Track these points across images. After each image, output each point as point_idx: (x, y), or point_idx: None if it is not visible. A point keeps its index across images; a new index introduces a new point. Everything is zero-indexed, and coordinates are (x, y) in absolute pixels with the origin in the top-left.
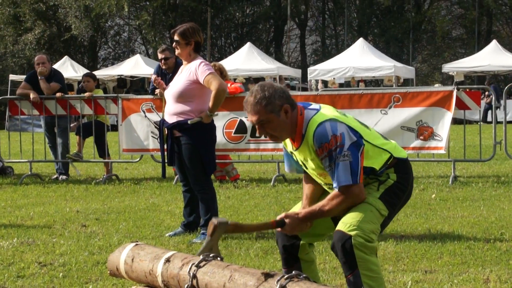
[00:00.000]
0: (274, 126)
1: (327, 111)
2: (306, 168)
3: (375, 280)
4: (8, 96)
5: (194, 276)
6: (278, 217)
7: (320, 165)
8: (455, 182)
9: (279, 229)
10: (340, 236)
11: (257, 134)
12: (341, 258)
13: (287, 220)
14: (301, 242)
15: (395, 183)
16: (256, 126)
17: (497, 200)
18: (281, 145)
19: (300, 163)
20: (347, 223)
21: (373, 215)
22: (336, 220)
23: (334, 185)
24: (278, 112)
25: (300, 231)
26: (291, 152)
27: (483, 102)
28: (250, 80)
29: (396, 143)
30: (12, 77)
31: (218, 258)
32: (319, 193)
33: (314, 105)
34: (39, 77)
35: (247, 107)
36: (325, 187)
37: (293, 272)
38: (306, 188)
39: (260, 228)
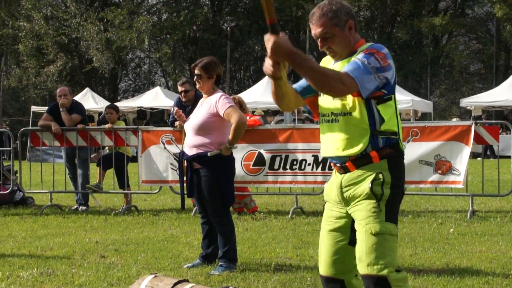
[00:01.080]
0: (337, 40)
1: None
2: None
3: None
4: (30, 127)
5: None
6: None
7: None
8: (473, 216)
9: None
10: (374, 281)
11: (320, 48)
12: None
13: (282, 35)
14: (346, 280)
15: (392, 190)
16: (318, 40)
17: None
18: (298, 178)
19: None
20: (372, 264)
21: (390, 243)
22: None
23: (344, 68)
24: (343, 27)
25: (276, 57)
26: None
27: (505, 138)
28: (269, 113)
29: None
30: (34, 108)
31: None
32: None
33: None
34: (61, 109)
35: (312, 19)
36: (324, 119)
37: None
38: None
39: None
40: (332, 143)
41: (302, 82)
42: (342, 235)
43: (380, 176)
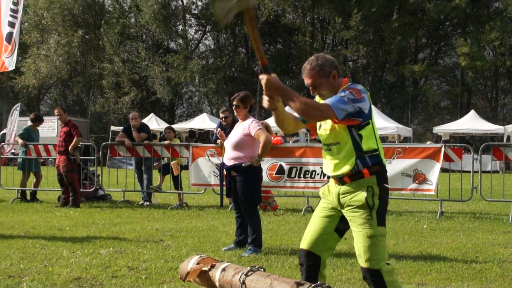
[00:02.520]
0: (324, 87)
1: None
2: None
3: None
4: (109, 142)
5: (243, 283)
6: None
7: None
8: (442, 216)
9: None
10: (370, 272)
11: (311, 93)
12: (375, 287)
13: (273, 75)
14: (322, 258)
15: (380, 200)
16: (310, 88)
17: (473, 231)
18: (309, 184)
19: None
20: (369, 258)
21: (381, 242)
22: (340, 232)
23: (326, 101)
24: (328, 76)
25: (269, 92)
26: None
27: (467, 157)
28: (288, 135)
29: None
30: (112, 128)
31: (262, 269)
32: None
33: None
34: (132, 129)
35: (304, 72)
36: (324, 146)
37: (319, 282)
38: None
39: (258, 45)
40: (329, 165)
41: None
42: (331, 222)
43: (370, 189)
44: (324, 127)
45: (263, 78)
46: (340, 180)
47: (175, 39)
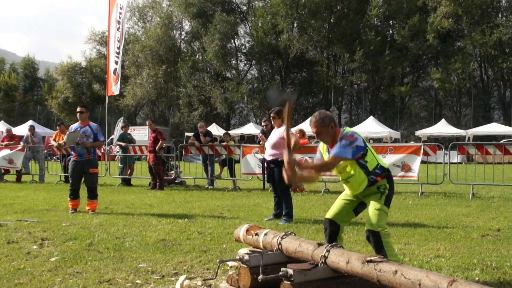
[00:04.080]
0: (325, 135)
1: (350, 128)
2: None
3: (392, 251)
4: (184, 143)
5: (280, 243)
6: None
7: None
8: (422, 195)
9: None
10: (372, 233)
11: (316, 138)
12: (374, 244)
13: (285, 163)
14: (341, 226)
15: (388, 191)
16: (315, 135)
17: (444, 206)
18: (327, 172)
19: (324, 154)
20: (373, 223)
21: (383, 215)
22: (357, 212)
23: (331, 153)
24: (327, 126)
25: (290, 170)
26: (323, 149)
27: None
28: (311, 137)
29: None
30: (186, 133)
31: (293, 234)
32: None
33: (344, 127)
34: (200, 134)
35: (310, 123)
36: (342, 180)
37: (334, 243)
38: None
39: (288, 127)
40: (351, 190)
41: (318, 157)
42: (351, 205)
43: (383, 186)
44: (339, 169)
45: (286, 158)
46: (361, 192)
47: (230, 70)
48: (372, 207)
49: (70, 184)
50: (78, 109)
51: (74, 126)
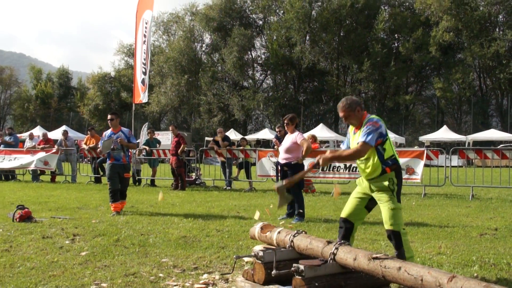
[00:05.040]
0: (352, 118)
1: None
2: (353, 140)
3: (408, 247)
4: (204, 147)
5: (292, 241)
6: (316, 160)
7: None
8: (425, 196)
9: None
10: (393, 233)
11: (344, 122)
12: (395, 242)
13: (320, 161)
14: (355, 225)
15: (398, 187)
16: (343, 118)
17: (446, 206)
18: (336, 175)
19: (352, 136)
20: (393, 224)
21: (399, 213)
22: (369, 209)
23: (360, 139)
24: (354, 110)
25: (325, 165)
26: (351, 132)
27: (441, 157)
28: (324, 142)
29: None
30: (206, 138)
31: (304, 232)
32: None
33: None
34: (219, 139)
35: (338, 108)
36: (358, 161)
37: (342, 241)
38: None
39: (304, 174)
40: (364, 173)
41: (346, 143)
42: (363, 202)
43: (391, 180)
44: (356, 139)
45: (318, 166)
46: (372, 179)
47: (247, 80)
48: (387, 207)
49: (110, 185)
50: (109, 116)
51: (107, 133)
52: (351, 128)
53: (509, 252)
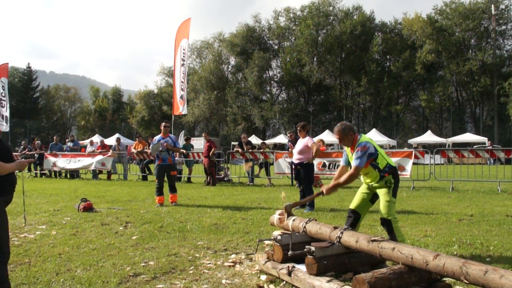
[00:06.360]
0: (346, 141)
1: (366, 136)
2: (351, 160)
3: (399, 233)
4: (231, 150)
5: (304, 227)
6: (320, 190)
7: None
8: (413, 189)
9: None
10: (385, 220)
11: (339, 144)
12: (387, 229)
13: (324, 190)
14: (361, 215)
15: (394, 185)
16: (338, 141)
17: (430, 197)
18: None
19: (350, 156)
20: (386, 213)
21: (393, 205)
22: (372, 202)
23: (352, 164)
24: (347, 134)
25: (331, 193)
26: (347, 152)
27: (427, 156)
28: (330, 145)
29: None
30: (232, 143)
31: (314, 220)
32: (342, 174)
33: (361, 134)
34: (243, 143)
35: (334, 132)
36: (362, 175)
37: (345, 227)
38: (338, 172)
39: (310, 199)
40: (367, 180)
41: (345, 159)
42: (368, 196)
43: (389, 182)
44: (351, 160)
45: (324, 190)
46: (373, 184)
47: (265, 94)
48: (383, 199)
49: (157, 183)
50: (164, 124)
51: (157, 138)
52: (346, 148)
53: (482, 234)
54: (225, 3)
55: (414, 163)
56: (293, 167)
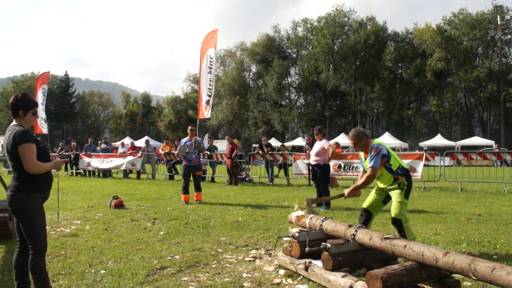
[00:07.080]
0: (360, 145)
1: (377, 140)
2: (365, 165)
3: (409, 231)
4: (252, 152)
5: (321, 225)
6: (342, 192)
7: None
8: (424, 189)
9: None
10: (396, 220)
11: (353, 149)
12: (397, 228)
13: (345, 193)
14: (373, 214)
15: (407, 187)
16: (353, 145)
17: (440, 197)
18: (355, 173)
19: (364, 161)
20: (397, 213)
21: (404, 206)
22: (385, 202)
23: (368, 165)
24: (361, 139)
25: (353, 197)
26: (363, 157)
27: (437, 158)
28: (345, 148)
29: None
30: (253, 145)
31: (330, 218)
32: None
33: (373, 139)
34: (263, 145)
35: (349, 138)
36: (377, 181)
37: (360, 225)
38: (359, 178)
39: (330, 199)
40: (381, 183)
41: (362, 165)
42: (381, 197)
43: (402, 184)
44: (366, 164)
45: (345, 193)
46: (387, 186)
47: (284, 99)
48: (395, 200)
49: (183, 182)
50: (190, 127)
51: (184, 140)
52: (361, 153)
53: (490, 233)
54: (247, 14)
55: (425, 165)
56: (310, 168)
